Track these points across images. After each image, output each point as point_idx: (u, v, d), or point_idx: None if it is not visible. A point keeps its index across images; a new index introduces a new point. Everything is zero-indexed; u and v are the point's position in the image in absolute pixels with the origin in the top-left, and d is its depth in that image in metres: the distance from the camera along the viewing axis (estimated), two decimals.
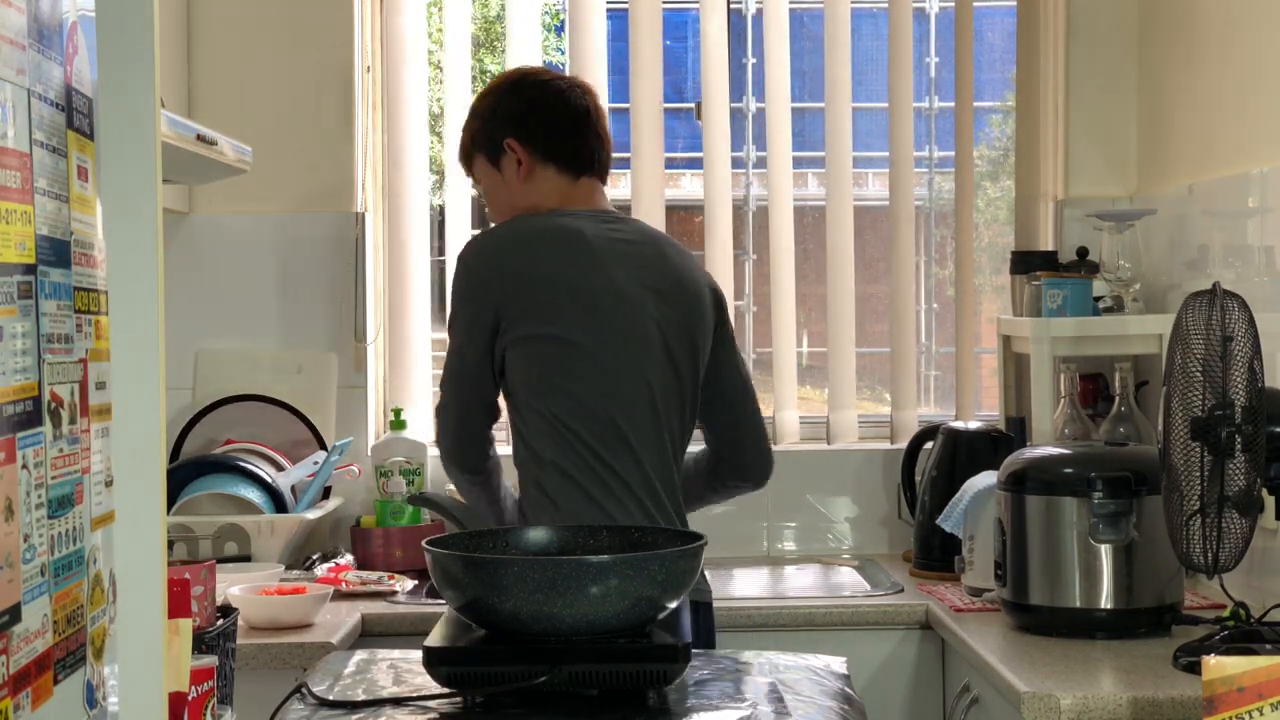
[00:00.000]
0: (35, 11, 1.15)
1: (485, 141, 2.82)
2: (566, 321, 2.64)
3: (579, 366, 2.64)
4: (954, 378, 4.02)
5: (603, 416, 2.64)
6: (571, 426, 2.63)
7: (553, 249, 2.68)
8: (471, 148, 2.85)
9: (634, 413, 2.67)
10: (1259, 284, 2.98)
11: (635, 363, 2.67)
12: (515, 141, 2.78)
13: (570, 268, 2.67)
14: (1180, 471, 2.46)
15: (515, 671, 1.94)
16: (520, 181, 2.79)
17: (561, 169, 2.79)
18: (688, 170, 5.82)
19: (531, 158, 2.78)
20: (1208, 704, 1.77)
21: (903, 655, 3.23)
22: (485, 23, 7.74)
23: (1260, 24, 3.06)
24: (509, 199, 2.81)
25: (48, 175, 1.17)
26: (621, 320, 2.67)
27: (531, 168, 2.78)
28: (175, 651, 1.63)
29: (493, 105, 2.83)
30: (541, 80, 2.86)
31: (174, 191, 3.66)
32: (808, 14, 6.55)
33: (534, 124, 2.79)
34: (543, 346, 2.64)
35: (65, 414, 1.19)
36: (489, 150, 2.81)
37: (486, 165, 2.83)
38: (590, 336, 2.65)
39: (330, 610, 3.08)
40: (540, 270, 2.66)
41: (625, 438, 2.65)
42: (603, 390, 2.65)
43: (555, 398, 2.64)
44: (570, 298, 2.65)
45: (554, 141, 2.79)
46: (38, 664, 1.12)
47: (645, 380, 2.68)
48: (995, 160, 6.00)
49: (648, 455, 2.67)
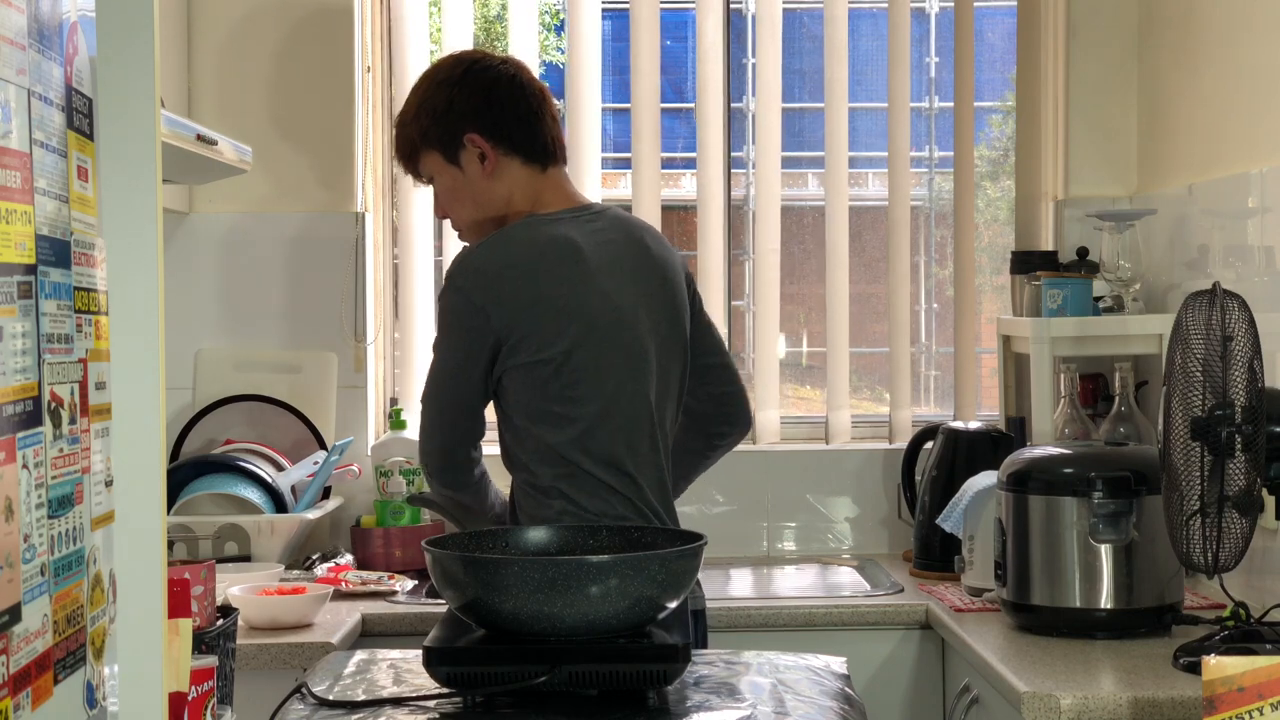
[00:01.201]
0: (35, 11, 1.15)
1: (440, 138, 2.68)
2: (567, 345, 2.57)
3: (580, 392, 2.57)
4: (954, 378, 4.02)
5: (603, 445, 2.59)
6: (571, 457, 2.58)
7: (550, 268, 2.59)
8: (420, 145, 2.70)
9: (633, 436, 2.62)
10: (1259, 284, 2.98)
11: (634, 380, 2.62)
12: (479, 135, 2.66)
13: (569, 288, 2.59)
14: (1180, 471, 2.46)
15: (515, 671, 1.94)
16: (486, 177, 2.67)
17: (527, 160, 2.68)
18: (686, 170, 5.81)
19: (496, 151, 2.66)
20: (1208, 704, 1.77)
21: (903, 655, 3.23)
22: (485, 23, 7.74)
23: (1260, 24, 3.06)
24: (472, 193, 2.69)
25: (48, 175, 1.17)
26: (620, 338, 2.61)
27: (497, 161, 2.66)
28: (175, 651, 1.63)
29: (446, 99, 2.68)
30: (491, 66, 2.72)
31: (174, 191, 3.66)
32: (807, 14, 6.55)
33: (497, 115, 2.67)
34: (543, 372, 2.56)
35: (65, 414, 1.19)
36: (445, 147, 2.68)
37: (442, 163, 2.69)
38: (591, 359, 2.58)
39: (330, 610, 3.08)
40: (540, 293, 2.57)
41: (624, 464, 2.61)
42: (603, 416, 2.59)
43: (556, 428, 2.57)
44: (570, 320, 2.57)
45: (519, 132, 2.67)
46: (38, 664, 1.12)
47: (645, 396, 2.64)
48: (995, 160, 6.00)
49: (645, 475, 2.64)
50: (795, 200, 4.07)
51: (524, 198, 2.69)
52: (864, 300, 4.85)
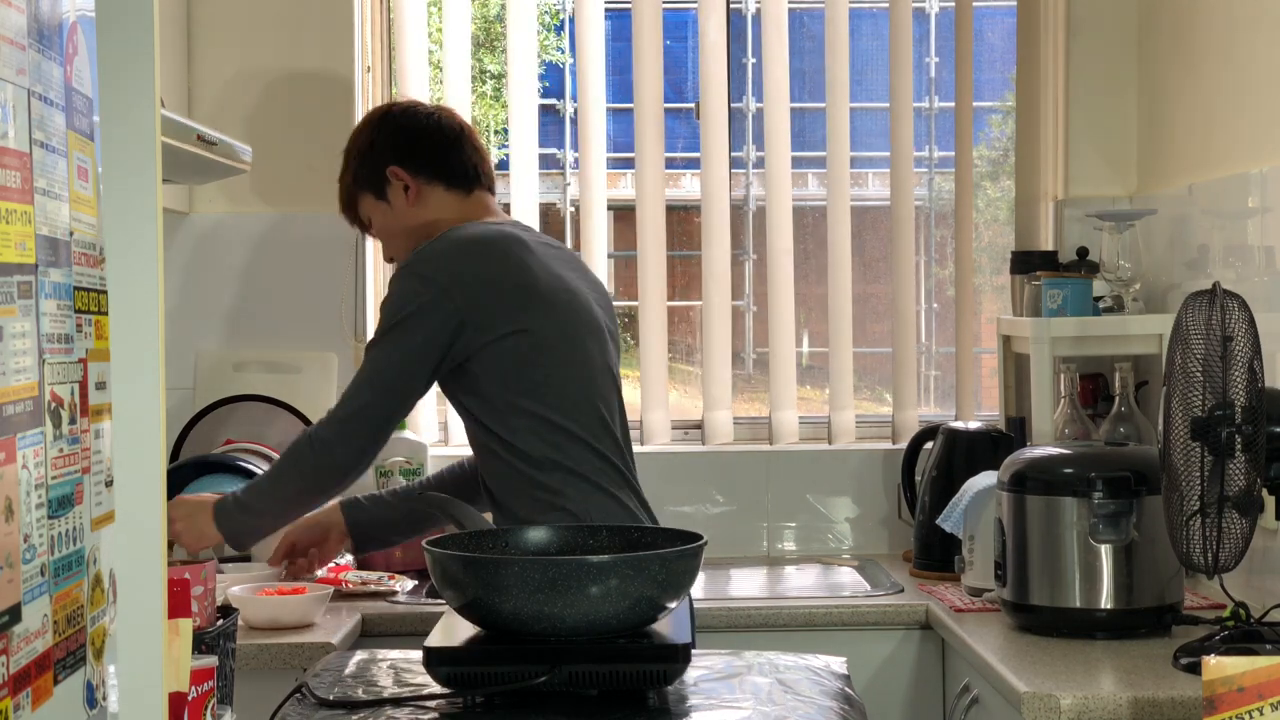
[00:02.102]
0: (35, 11, 1.15)
1: (368, 178, 2.87)
2: (531, 317, 2.67)
3: (554, 358, 2.68)
4: (954, 378, 4.02)
5: (588, 407, 2.70)
6: (561, 423, 2.66)
7: (499, 252, 2.72)
8: (355, 190, 2.89)
9: (609, 401, 2.76)
10: (1259, 284, 2.98)
11: (600, 352, 2.75)
12: (398, 167, 2.84)
13: (520, 268, 2.71)
14: (1180, 471, 2.46)
15: (515, 671, 1.93)
16: (410, 205, 2.84)
17: (449, 186, 2.84)
18: (687, 170, 5.81)
19: (417, 179, 2.83)
20: (1208, 704, 1.77)
21: (903, 655, 3.23)
22: (485, 23, 7.73)
23: (1260, 24, 3.06)
24: (402, 224, 2.85)
25: (48, 175, 1.17)
26: (577, 313, 2.74)
27: (419, 190, 2.83)
28: (175, 651, 1.63)
29: (369, 141, 2.88)
30: (409, 108, 2.93)
31: (174, 191, 3.66)
32: (807, 14, 6.55)
33: (411, 146, 2.84)
34: (516, 343, 2.66)
35: (65, 414, 1.19)
36: (373, 185, 2.86)
37: (374, 202, 2.87)
38: (557, 330, 2.69)
39: (330, 610, 3.08)
40: (495, 271, 2.69)
41: (609, 426, 2.73)
42: (582, 380, 2.70)
43: (540, 393, 2.66)
44: (529, 295, 2.68)
45: (435, 159, 2.84)
46: (38, 664, 1.12)
47: (609, 368, 2.78)
48: (995, 160, 5.99)
49: (624, 440, 2.78)
50: (796, 200, 4.06)
51: (451, 220, 2.81)
52: (864, 300, 4.85)
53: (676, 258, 4.95)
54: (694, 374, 5.25)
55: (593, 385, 2.72)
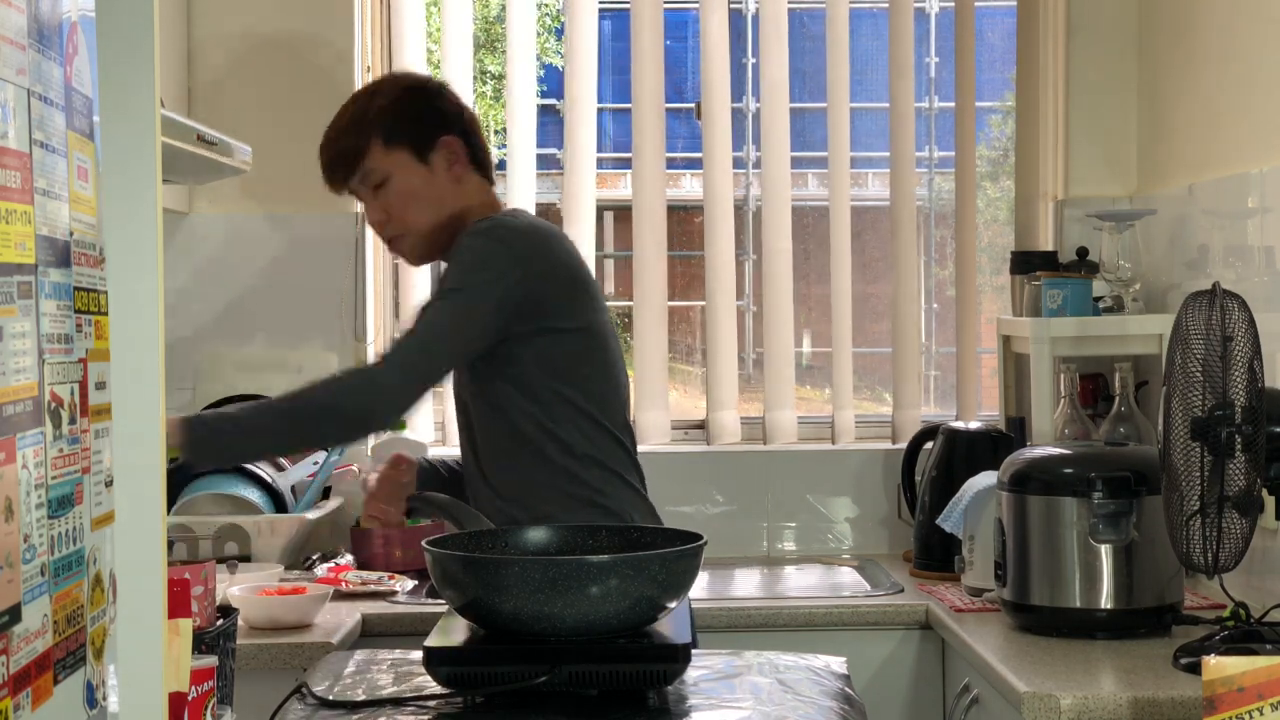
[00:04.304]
0: (35, 11, 1.15)
1: (414, 135, 2.73)
2: (595, 314, 2.73)
3: (603, 357, 2.73)
4: (954, 378, 4.02)
5: (620, 407, 2.77)
6: (600, 420, 2.71)
7: (570, 245, 2.78)
8: (389, 139, 2.72)
9: (628, 402, 2.85)
10: (1259, 284, 2.98)
11: (621, 351, 2.82)
12: (456, 140, 2.76)
13: (584, 265, 2.77)
14: (1180, 471, 2.46)
15: (515, 671, 1.93)
16: (453, 180, 2.76)
17: (482, 175, 2.83)
18: (687, 170, 5.81)
19: (466, 160, 2.79)
20: (1208, 704, 1.77)
21: (903, 655, 3.23)
22: (485, 23, 7.73)
23: (1260, 24, 3.06)
24: (434, 194, 2.74)
25: (48, 175, 1.17)
26: (607, 312, 2.80)
27: (464, 170, 2.78)
28: (175, 651, 1.62)
29: (425, 101, 2.78)
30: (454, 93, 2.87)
31: (174, 191, 3.66)
32: (807, 14, 6.54)
33: (467, 129, 2.81)
34: (573, 339, 2.69)
35: (65, 414, 1.19)
36: (416, 144, 2.73)
37: (408, 159, 2.73)
38: (607, 328, 2.75)
39: (330, 610, 3.08)
40: (570, 261, 2.73)
41: (629, 425, 2.80)
42: (615, 381, 2.76)
43: (584, 389, 2.70)
44: (586, 291, 2.74)
45: (482, 148, 2.84)
46: (38, 664, 1.12)
47: (625, 367, 2.84)
48: (995, 160, 5.99)
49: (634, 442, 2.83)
50: (796, 200, 4.06)
51: (480, 207, 2.78)
52: (864, 300, 4.84)
53: (677, 258, 4.95)
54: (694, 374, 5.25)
55: (622, 386, 2.79)
